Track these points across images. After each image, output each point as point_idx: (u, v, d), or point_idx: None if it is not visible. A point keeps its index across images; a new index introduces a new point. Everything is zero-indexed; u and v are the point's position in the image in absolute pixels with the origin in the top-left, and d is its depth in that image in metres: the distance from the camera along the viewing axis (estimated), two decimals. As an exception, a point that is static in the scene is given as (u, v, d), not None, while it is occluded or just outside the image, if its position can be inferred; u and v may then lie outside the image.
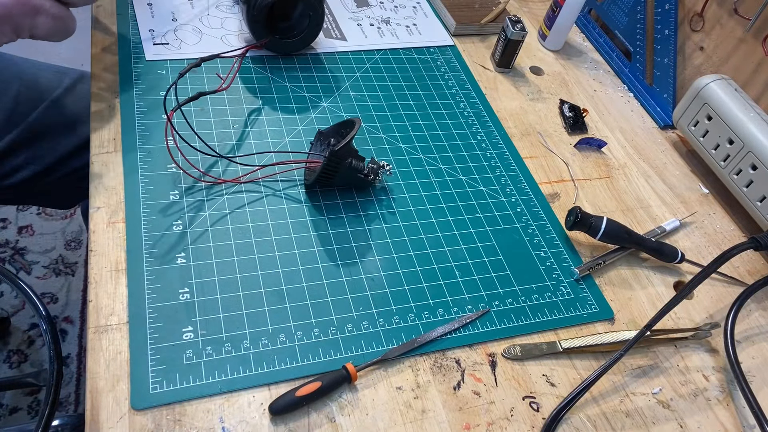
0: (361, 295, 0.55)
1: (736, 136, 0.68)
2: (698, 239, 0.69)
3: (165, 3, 0.77)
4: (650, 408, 0.53)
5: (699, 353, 0.58)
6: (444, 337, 0.53)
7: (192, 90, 0.67)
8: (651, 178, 0.75)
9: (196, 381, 0.47)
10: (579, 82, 0.86)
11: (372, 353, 0.51)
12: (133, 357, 0.47)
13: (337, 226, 0.59)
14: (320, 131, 0.63)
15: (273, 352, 0.49)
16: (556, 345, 0.55)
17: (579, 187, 0.71)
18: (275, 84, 0.72)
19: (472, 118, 0.75)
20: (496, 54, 0.82)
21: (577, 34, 0.95)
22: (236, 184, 0.60)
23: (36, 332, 1.27)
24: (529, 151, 0.73)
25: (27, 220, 1.45)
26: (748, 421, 0.54)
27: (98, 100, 0.64)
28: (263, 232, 0.57)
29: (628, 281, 0.63)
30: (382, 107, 0.73)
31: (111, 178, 0.58)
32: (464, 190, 0.67)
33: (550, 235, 0.64)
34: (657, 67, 0.84)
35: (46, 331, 0.59)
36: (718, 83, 0.71)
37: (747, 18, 0.74)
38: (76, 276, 1.38)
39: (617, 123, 0.81)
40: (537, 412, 0.51)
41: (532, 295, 0.59)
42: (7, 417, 1.14)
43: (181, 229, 0.55)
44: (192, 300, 0.51)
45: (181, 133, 0.60)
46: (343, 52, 0.79)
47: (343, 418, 0.47)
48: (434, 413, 0.49)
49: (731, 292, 0.64)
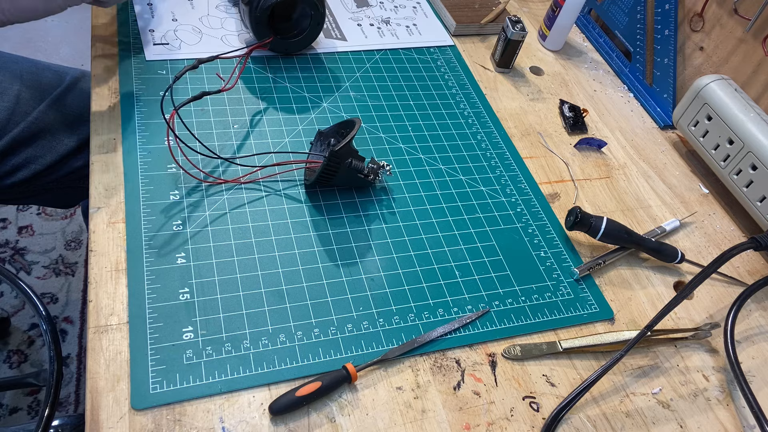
0: (361, 295, 0.55)
1: (736, 136, 0.68)
2: (698, 239, 0.69)
3: (165, 3, 0.77)
4: (650, 408, 0.53)
5: (699, 353, 0.58)
6: (444, 337, 0.53)
7: (192, 90, 0.67)
8: (651, 178, 0.75)
9: (196, 381, 0.47)
10: (579, 82, 0.86)
11: (372, 353, 0.51)
12: (133, 357, 0.47)
13: (337, 226, 0.59)
14: (320, 131, 0.63)
15: (273, 352, 0.49)
16: (556, 345, 0.55)
17: (579, 187, 0.71)
18: (275, 84, 0.72)
19: (472, 118, 0.75)
20: (496, 54, 0.82)
21: (577, 34, 0.95)
22: (236, 184, 0.60)
23: (36, 332, 1.27)
24: (529, 151, 0.73)
25: (27, 220, 1.45)
26: (748, 422, 0.54)
27: (98, 100, 0.64)
28: (263, 232, 0.57)
29: (628, 281, 0.63)
30: (382, 107, 0.73)
31: (111, 178, 0.58)
32: (464, 190, 0.67)
33: (550, 235, 0.64)
34: (657, 67, 0.84)
35: (46, 331, 0.59)
36: (718, 83, 0.71)
37: (747, 18, 0.74)
38: (76, 276, 1.38)
39: (617, 123, 0.81)
40: (537, 412, 0.51)
41: (532, 295, 0.59)
42: (7, 417, 1.14)
43: (181, 229, 0.55)
44: (192, 300, 0.51)
45: (182, 133, 0.60)
46: (343, 52, 0.79)
47: (343, 418, 0.47)
48: (434, 413, 0.49)
49: (731, 292, 0.64)
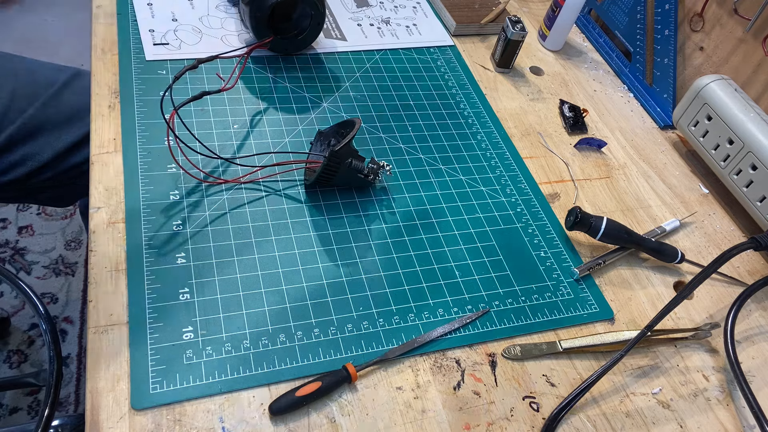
0: (361, 295, 0.55)
1: (736, 136, 0.68)
2: (698, 239, 0.69)
3: (165, 3, 0.77)
4: (650, 408, 0.53)
5: (699, 353, 0.58)
6: (444, 337, 0.53)
7: (192, 90, 0.67)
8: (651, 178, 0.75)
9: (196, 381, 0.47)
10: (579, 82, 0.86)
11: (372, 353, 0.51)
12: (133, 357, 0.47)
13: (337, 226, 0.59)
14: (320, 131, 0.63)
15: (273, 352, 0.49)
16: (556, 345, 0.55)
17: (579, 187, 0.71)
18: (275, 84, 0.72)
19: (472, 118, 0.75)
20: (496, 54, 0.82)
21: (577, 34, 0.95)
22: (236, 184, 0.60)
23: (36, 332, 1.27)
24: (529, 151, 0.73)
25: (27, 220, 1.45)
26: (748, 422, 0.54)
27: (98, 100, 0.64)
28: (263, 232, 0.57)
29: (628, 281, 0.63)
30: (382, 107, 0.73)
31: (111, 178, 0.58)
32: (464, 190, 0.67)
33: (550, 235, 0.64)
34: (657, 67, 0.84)
35: (46, 331, 0.59)
36: (718, 83, 0.71)
37: (747, 18, 0.74)
38: (76, 276, 1.38)
39: (617, 123, 0.81)
40: (537, 412, 0.51)
41: (532, 295, 0.59)
42: (7, 417, 1.14)
43: (181, 229, 0.55)
44: (192, 300, 0.51)
45: (182, 134, 0.60)
46: (343, 52, 0.79)
47: (343, 418, 0.47)
48: (434, 413, 0.49)
49: (731, 292, 0.64)
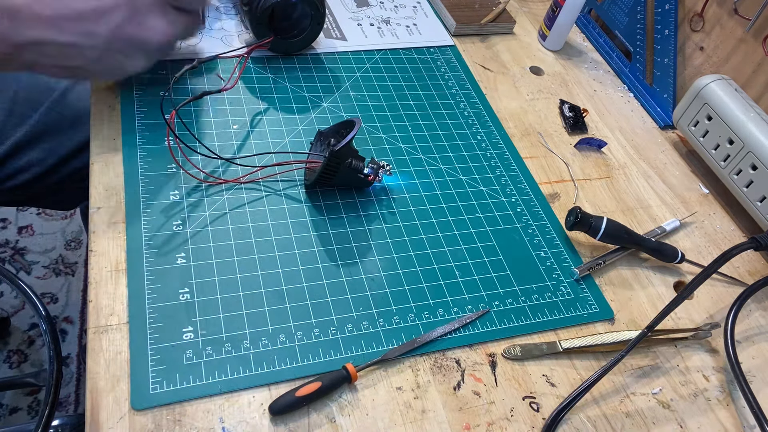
0: (361, 295, 0.55)
1: (736, 136, 0.68)
2: (698, 239, 0.69)
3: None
4: (650, 408, 0.53)
5: (699, 353, 0.58)
6: (444, 337, 0.53)
7: (193, 90, 0.67)
8: (651, 178, 0.75)
9: (196, 381, 0.47)
10: (579, 82, 0.86)
11: (372, 353, 0.51)
12: (133, 357, 0.47)
13: (337, 226, 0.59)
14: (320, 131, 0.63)
15: (273, 352, 0.49)
16: (556, 345, 0.55)
17: (579, 187, 0.71)
18: (275, 84, 0.72)
19: (472, 118, 0.75)
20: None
21: (577, 34, 0.95)
22: (236, 184, 0.60)
23: (36, 332, 1.27)
24: (529, 151, 0.73)
25: (27, 220, 1.45)
26: (748, 422, 0.54)
27: (98, 100, 0.64)
28: (263, 232, 0.57)
29: (628, 281, 0.63)
30: (382, 107, 0.73)
31: (111, 178, 0.58)
32: (464, 190, 0.67)
33: (550, 235, 0.64)
34: (657, 67, 0.84)
35: (46, 331, 0.59)
36: (718, 83, 0.71)
37: (747, 18, 0.74)
38: (76, 276, 1.38)
39: (617, 123, 0.81)
40: (537, 412, 0.51)
41: (532, 295, 0.59)
42: (7, 417, 1.14)
43: (181, 229, 0.55)
44: (192, 300, 0.51)
45: (182, 134, 0.60)
46: (343, 52, 0.79)
47: (343, 419, 0.47)
48: (434, 413, 0.49)
49: (731, 292, 0.64)
